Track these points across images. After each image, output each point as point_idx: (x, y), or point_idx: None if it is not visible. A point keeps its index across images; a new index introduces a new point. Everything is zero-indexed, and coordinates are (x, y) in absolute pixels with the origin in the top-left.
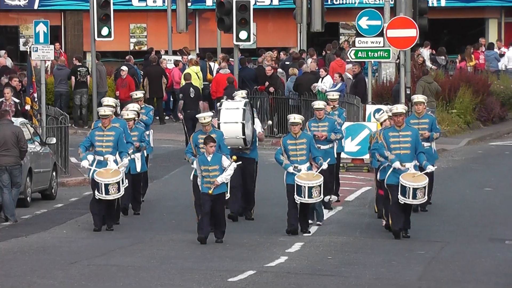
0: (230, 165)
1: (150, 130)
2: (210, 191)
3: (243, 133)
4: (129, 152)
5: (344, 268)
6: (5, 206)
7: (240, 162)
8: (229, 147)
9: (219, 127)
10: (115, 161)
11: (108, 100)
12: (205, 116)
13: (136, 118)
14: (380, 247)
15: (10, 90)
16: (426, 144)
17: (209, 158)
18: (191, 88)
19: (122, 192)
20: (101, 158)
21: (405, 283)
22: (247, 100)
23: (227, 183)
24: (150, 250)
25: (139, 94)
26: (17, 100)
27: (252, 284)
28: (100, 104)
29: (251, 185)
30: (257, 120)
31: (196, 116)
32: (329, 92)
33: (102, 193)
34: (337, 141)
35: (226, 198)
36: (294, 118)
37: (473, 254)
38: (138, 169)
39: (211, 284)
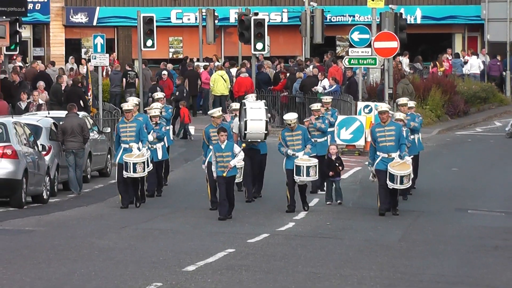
0: (240, 152)
1: (170, 125)
2: (224, 174)
3: (266, 129)
4: (151, 137)
5: (340, 232)
6: (70, 181)
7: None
8: (249, 140)
9: (245, 124)
10: (138, 148)
11: (133, 99)
12: (219, 110)
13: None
14: (368, 215)
15: (38, 93)
16: (411, 137)
17: (222, 146)
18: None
19: (146, 172)
20: (127, 146)
21: (388, 244)
22: (264, 100)
23: (240, 171)
24: (185, 217)
25: (160, 94)
26: (41, 102)
27: (267, 244)
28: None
29: (261, 172)
30: None
31: (209, 112)
32: (323, 96)
33: (130, 171)
34: (329, 135)
35: (239, 180)
36: (291, 121)
37: (442, 221)
38: (160, 156)
39: (233, 244)
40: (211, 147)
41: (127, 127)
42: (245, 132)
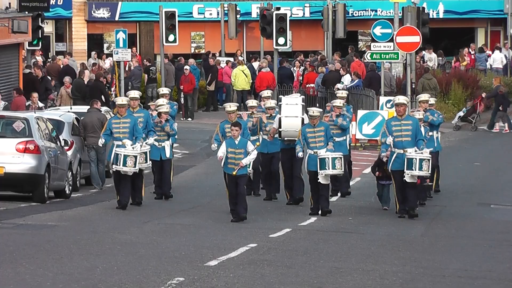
0: (253, 150)
1: (175, 122)
2: (234, 172)
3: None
4: (152, 140)
5: (362, 226)
6: (92, 176)
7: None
8: (286, 138)
9: (280, 121)
10: (132, 146)
11: (134, 93)
12: (230, 105)
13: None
14: (390, 210)
15: (37, 95)
16: (429, 133)
17: (236, 142)
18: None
19: (137, 168)
20: (119, 143)
21: (411, 238)
22: (303, 96)
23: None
24: (207, 212)
25: (165, 90)
26: (41, 105)
27: (289, 239)
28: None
29: (299, 171)
30: (305, 115)
31: (224, 105)
32: (338, 91)
33: (120, 165)
34: (348, 134)
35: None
36: (313, 112)
37: (465, 215)
38: (167, 155)
39: (255, 239)
40: (218, 147)
41: (120, 123)
42: (279, 130)
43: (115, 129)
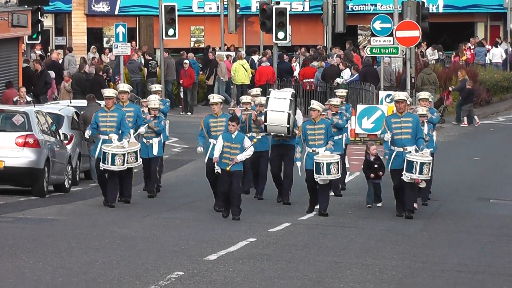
0: (250, 146)
1: (167, 120)
2: (228, 168)
3: (288, 122)
4: (142, 128)
5: (361, 221)
6: (91, 170)
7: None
8: (272, 133)
9: (266, 115)
10: (119, 140)
11: (123, 86)
12: (214, 96)
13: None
14: (389, 204)
15: (25, 90)
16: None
17: (233, 136)
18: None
19: (125, 166)
20: (106, 137)
21: (410, 233)
22: (293, 91)
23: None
24: (206, 206)
25: (157, 87)
26: (29, 99)
27: (288, 233)
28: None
29: (290, 170)
30: (298, 112)
31: (208, 96)
32: (337, 90)
33: (108, 164)
34: (345, 133)
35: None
36: (312, 103)
37: (464, 210)
38: (155, 152)
39: (255, 234)
40: (211, 140)
41: (107, 116)
42: (265, 124)
43: (101, 123)
